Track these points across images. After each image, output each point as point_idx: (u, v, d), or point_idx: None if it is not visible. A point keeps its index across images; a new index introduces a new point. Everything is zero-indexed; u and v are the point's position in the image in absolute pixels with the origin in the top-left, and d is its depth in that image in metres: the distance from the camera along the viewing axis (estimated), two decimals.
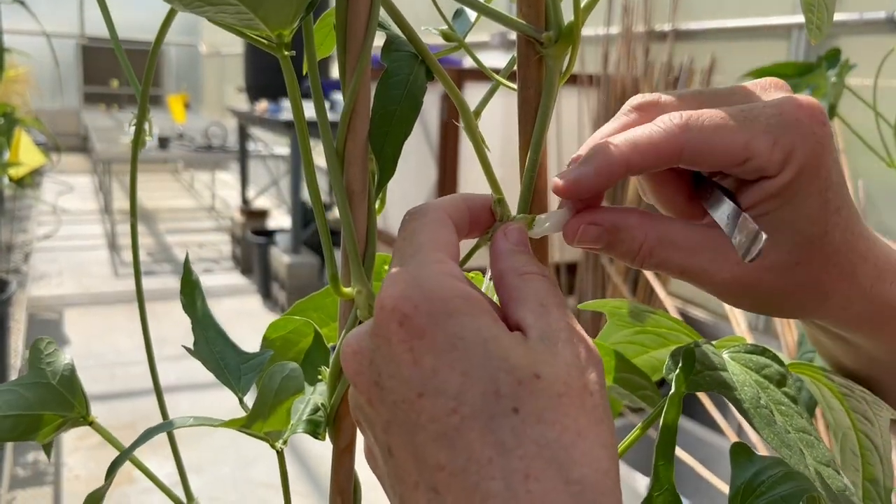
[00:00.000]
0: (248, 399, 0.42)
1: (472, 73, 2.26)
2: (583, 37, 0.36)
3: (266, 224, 4.86)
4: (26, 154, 3.06)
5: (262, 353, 0.44)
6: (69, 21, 9.58)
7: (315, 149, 0.36)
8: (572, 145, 2.42)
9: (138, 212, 0.50)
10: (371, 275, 0.36)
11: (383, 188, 0.37)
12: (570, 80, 1.82)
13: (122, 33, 0.47)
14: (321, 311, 0.46)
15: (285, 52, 0.35)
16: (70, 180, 7.43)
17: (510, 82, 0.40)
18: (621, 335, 0.47)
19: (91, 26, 9.77)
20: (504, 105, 2.00)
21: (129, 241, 0.49)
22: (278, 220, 5.27)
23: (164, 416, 0.48)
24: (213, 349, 0.44)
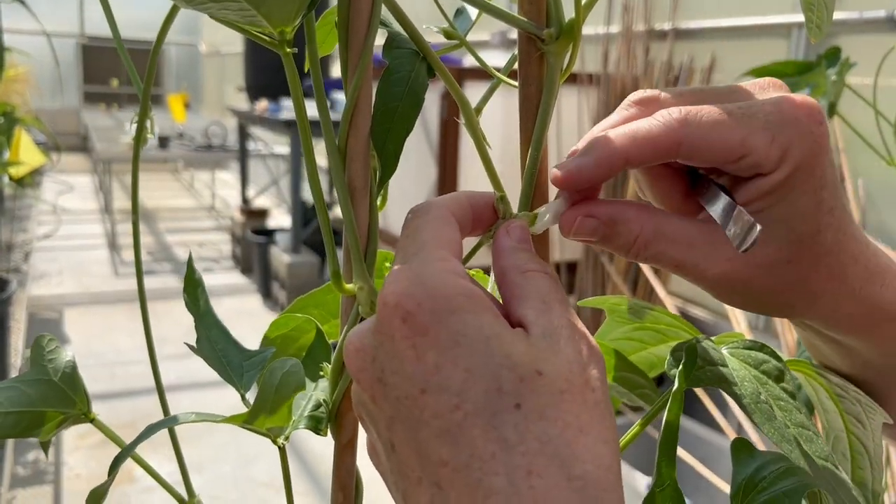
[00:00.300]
0: (250, 396, 0.42)
1: (473, 72, 2.26)
2: (583, 36, 0.36)
3: (266, 223, 4.86)
4: (26, 153, 3.07)
5: (265, 351, 0.44)
6: (69, 20, 9.58)
7: (316, 147, 0.37)
8: (572, 144, 2.40)
9: (139, 211, 0.50)
10: (373, 271, 0.36)
11: (385, 185, 0.37)
12: (570, 79, 1.83)
13: (122, 32, 0.47)
14: (322, 307, 0.46)
15: (287, 49, 0.35)
16: (70, 180, 7.43)
17: (511, 80, 0.40)
18: (620, 332, 0.47)
19: (91, 25, 9.77)
20: (504, 104, 2.00)
21: (129, 241, 0.49)
22: (278, 220, 5.27)
23: (166, 414, 0.48)
24: (216, 347, 0.44)
